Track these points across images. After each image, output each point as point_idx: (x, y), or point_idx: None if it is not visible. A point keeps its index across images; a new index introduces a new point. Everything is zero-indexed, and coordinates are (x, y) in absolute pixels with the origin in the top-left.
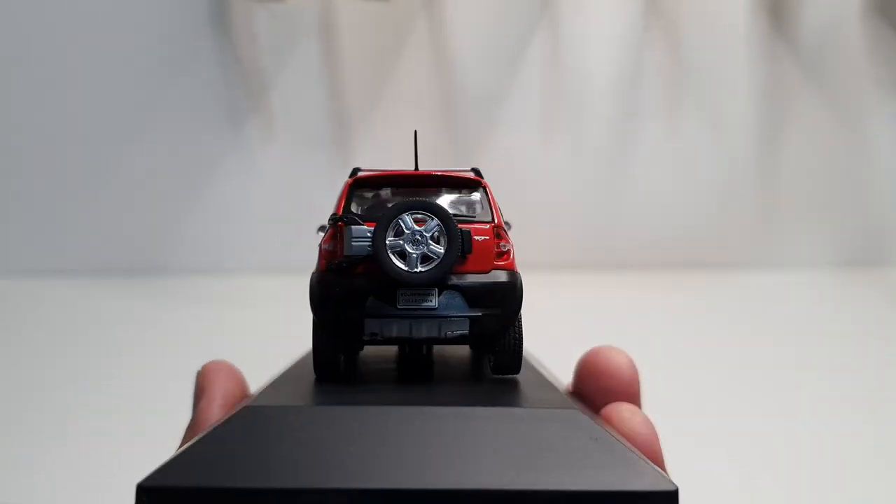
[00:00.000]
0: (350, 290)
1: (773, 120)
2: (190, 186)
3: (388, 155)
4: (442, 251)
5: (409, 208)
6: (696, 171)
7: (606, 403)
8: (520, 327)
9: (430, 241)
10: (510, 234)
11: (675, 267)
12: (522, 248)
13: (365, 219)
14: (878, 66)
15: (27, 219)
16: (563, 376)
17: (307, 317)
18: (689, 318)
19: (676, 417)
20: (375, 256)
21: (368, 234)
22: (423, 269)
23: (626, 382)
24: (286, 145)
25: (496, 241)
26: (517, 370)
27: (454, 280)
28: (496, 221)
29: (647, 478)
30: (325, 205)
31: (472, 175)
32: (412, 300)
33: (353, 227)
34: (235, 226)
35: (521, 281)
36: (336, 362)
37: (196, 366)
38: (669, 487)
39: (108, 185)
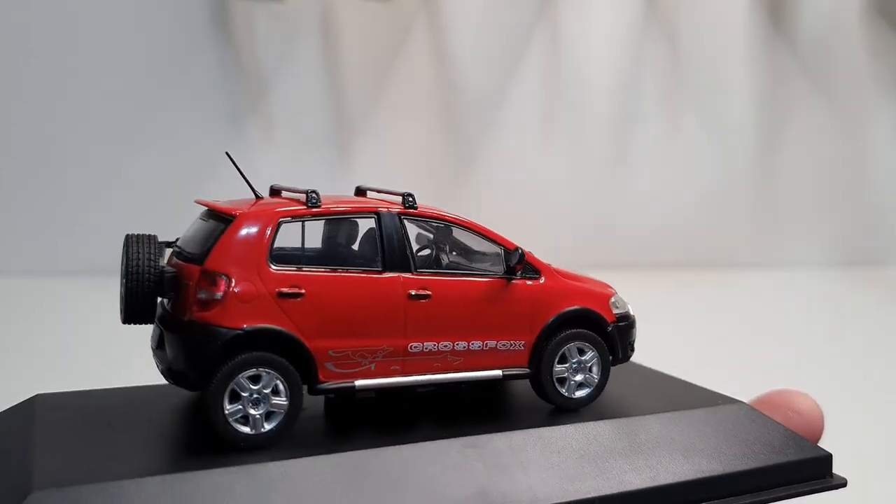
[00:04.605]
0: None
1: (772, 120)
2: (190, 186)
3: (387, 154)
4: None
5: (123, 243)
6: (696, 170)
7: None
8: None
9: (121, 279)
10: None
11: (675, 266)
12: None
13: None
14: (878, 66)
15: (27, 219)
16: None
17: None
18: (689, 316)
19: None
20: None
21: None
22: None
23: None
24: (286, 145)
25: (202, 286)
26: None
27: (165, 323)
28: (211, 263)
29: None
30: None
31: (237, 207)
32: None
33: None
34: None
35: (217, 342)
36: None
37: None
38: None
39: (108, 185)
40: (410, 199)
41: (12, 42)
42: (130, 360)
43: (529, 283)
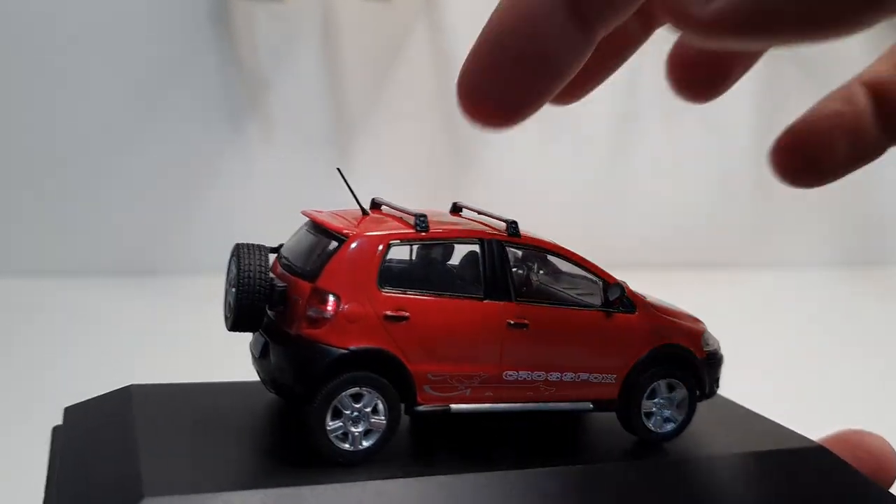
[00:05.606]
0: None
1: (772, 120)
2: (190, 186)
3: (387, 154)
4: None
5: (233, 251)
6: (696, 171)
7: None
8: None
9: (231, 287)
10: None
11: (675, 266)
12: None
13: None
14: None
15: (27, 219)
16: None
17: None
18: None
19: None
20: None
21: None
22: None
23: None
24: (286, 145)
25: (313, 303)
26: None
27: (271, 333)
28: (323, 282)
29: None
30: (326, 204)
31: (346, 226)
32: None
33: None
34: (235, 225)
35: (324, 360)
36: None
37: (195, 366)
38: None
39: (108, 186)
40: (514, 226)
41: (13, 42)
42: (132, 359)
43: (625, 316)
